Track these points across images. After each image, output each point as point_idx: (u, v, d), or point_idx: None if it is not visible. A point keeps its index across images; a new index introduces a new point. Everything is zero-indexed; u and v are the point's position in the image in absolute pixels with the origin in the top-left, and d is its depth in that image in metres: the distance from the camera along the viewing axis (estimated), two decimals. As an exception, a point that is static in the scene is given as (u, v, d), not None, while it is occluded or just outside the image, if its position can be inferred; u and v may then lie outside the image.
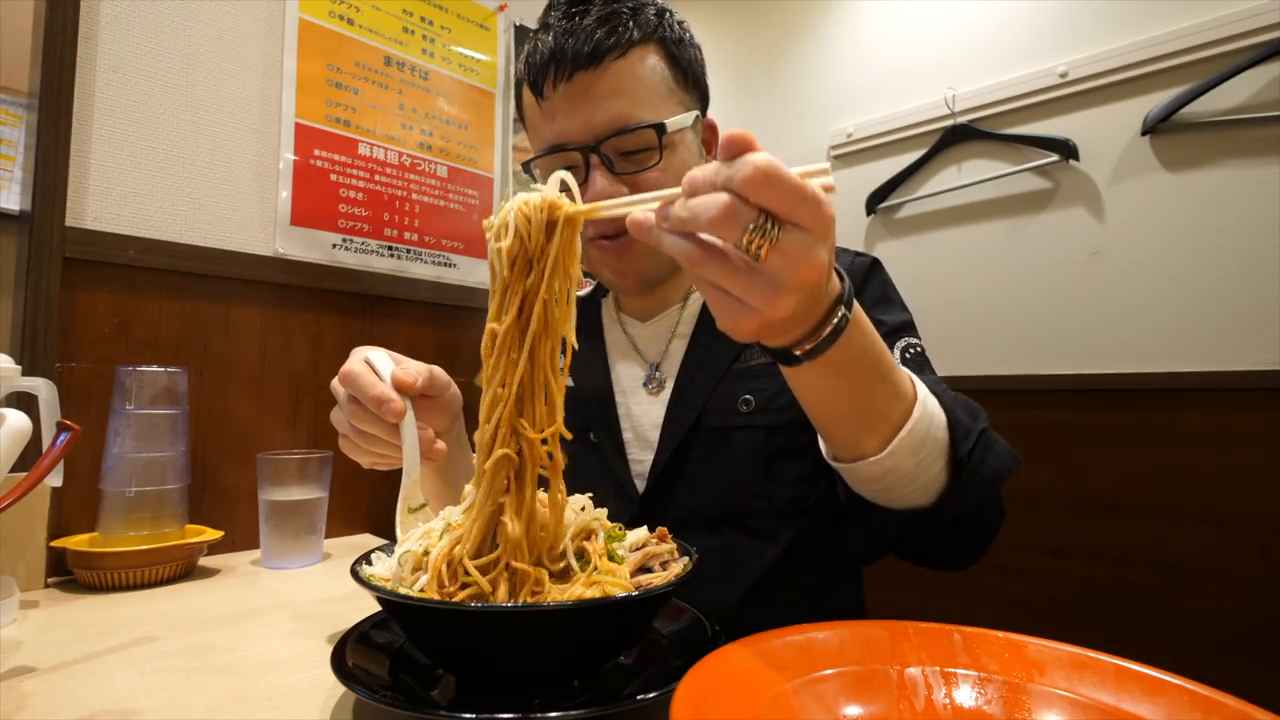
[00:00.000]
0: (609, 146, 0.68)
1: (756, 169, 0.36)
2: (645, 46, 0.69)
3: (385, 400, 0.55)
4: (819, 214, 0.37)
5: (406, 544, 0.48)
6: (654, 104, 0.69)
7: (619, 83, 0.67)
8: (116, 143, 1.01)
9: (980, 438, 0.55)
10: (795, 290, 0.39)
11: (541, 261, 0.45)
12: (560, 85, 0.67)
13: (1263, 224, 1.34)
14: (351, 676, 0.43)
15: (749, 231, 0.37)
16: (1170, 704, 0.36)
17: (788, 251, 0.37)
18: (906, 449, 0.50)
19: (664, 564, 0.50)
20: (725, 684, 0.37)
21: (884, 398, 0.50)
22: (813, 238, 0.38)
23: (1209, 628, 1.33)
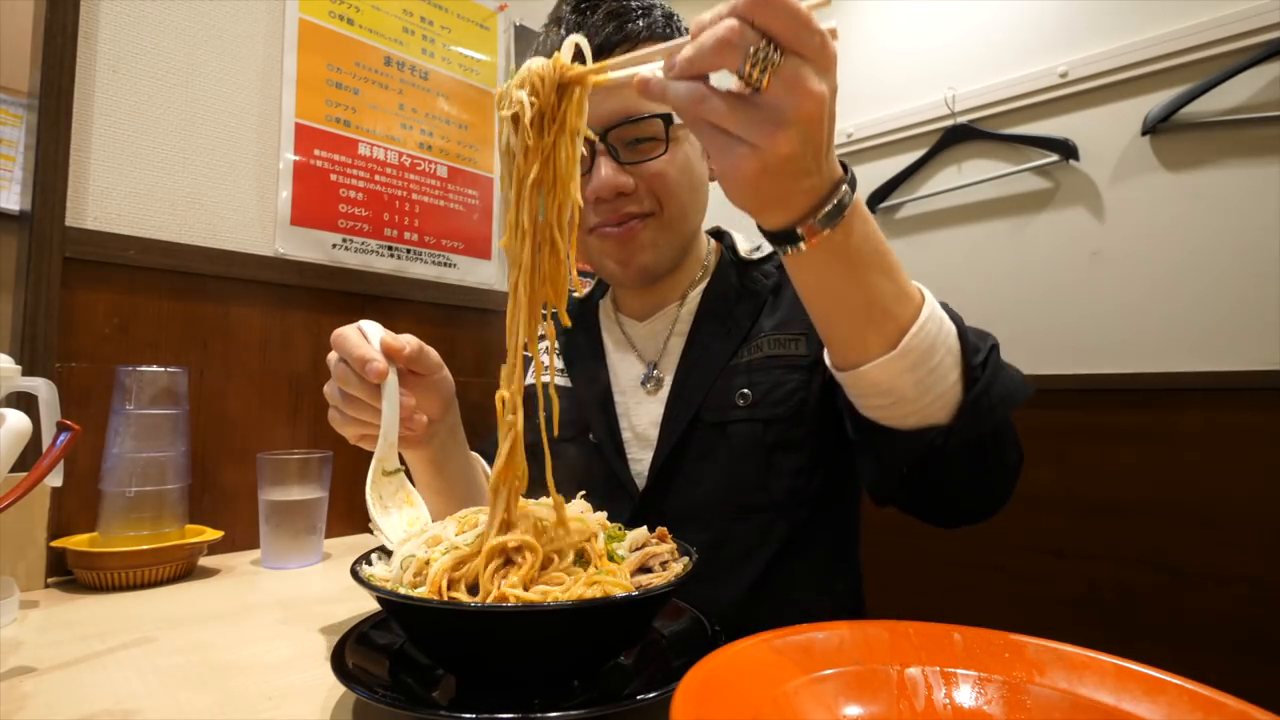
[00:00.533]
0: (615, 136, 0.69)
1: None
2: (654, 44, 0.69)
3: (368, 359, 0.59)
4: (822, 44, 0.37)
5: (408, 547, 0.48)
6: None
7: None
8: (116, 143, 1.01)
9: (991, 353, 0.53)
10: (795, 124, 0.38)
11: (555, 121, 0.47)
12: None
13: (1263, 224, 1.34)
14: (351, 676, 0.43)
15: (750, 58, 0.37)
16: (1170, 704, 0.36)
17: (788, 79, 0.37)
18: (916, 351, 0.48)
19: (664, 564, 0.50)
20: (725, 684, 0.37)
21: (891, 294, 0.48)
22: (814, 67, 0.38)
23: (1209, 628, 1.33)
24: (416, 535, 0.50)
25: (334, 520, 1.05)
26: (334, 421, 0.64)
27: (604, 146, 0.69)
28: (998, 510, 0.60)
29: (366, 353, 0.59)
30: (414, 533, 0.52)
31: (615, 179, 0.69)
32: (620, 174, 0.70)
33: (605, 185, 0.69)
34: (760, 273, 0.81)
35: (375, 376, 0.58)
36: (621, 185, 0.70)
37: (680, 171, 0.73)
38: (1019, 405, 0.54)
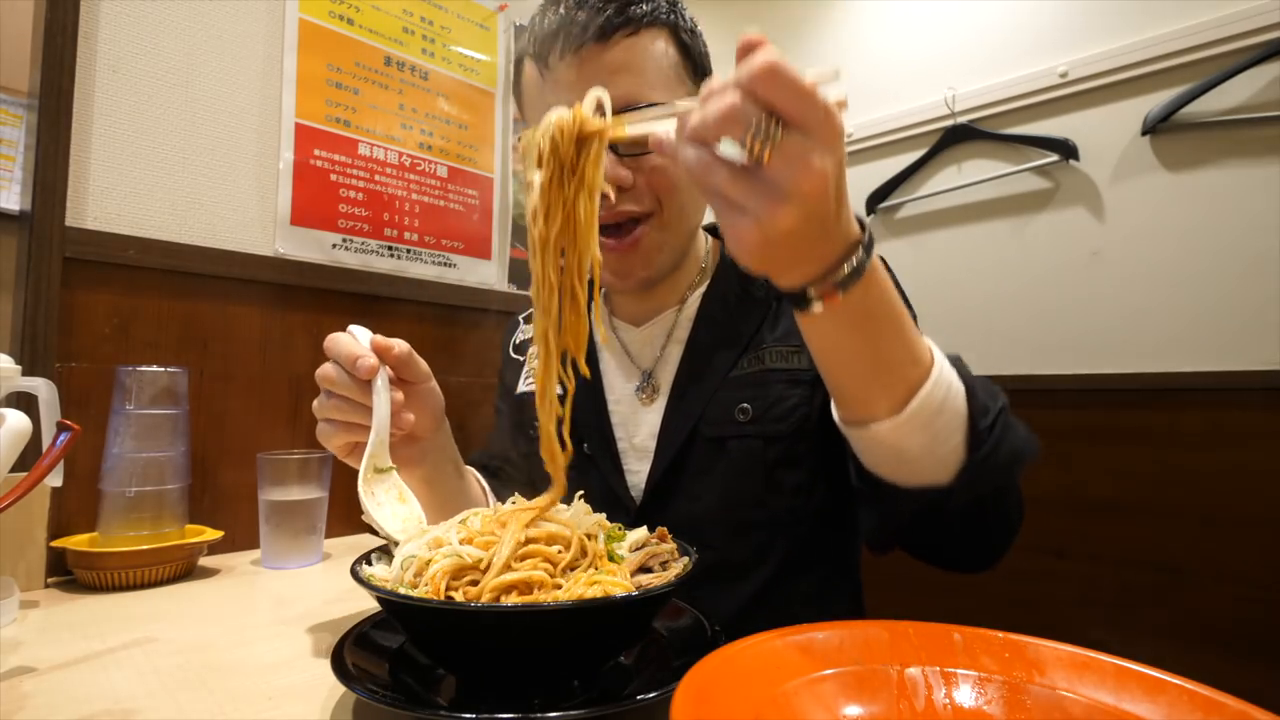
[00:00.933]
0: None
1: (764, 65, 0.36)
2: (657, 29, 0.68)
3: (359, 356, 0.59)
4: (825, 119, 0.37)
5: (409, 548, 0.48)
6: (663, 87, 0.68)
7: (628, 60, 0.66)
8: (116, 143, 1.01)
9: (1000, 415, 0.53)
10: (796, 199, 0.38)
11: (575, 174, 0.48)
12: (567, 56, 0.66)
13: (1263, 224, 1.34)
14: (351, 676, 0.43)
15: (751, 131, 0.37)
16: (1170, 704, 0.36)
17: (789, 155, 0.37)
18: (923, 414, 0.48)
19: (664, 564, 0.50)
20: (725, 684, 0.37)
21: (901, 357, 0.48)
22: (816, 143, 0.37)
23: (1209, 628, 1.33)
24: (417, 537, 0.50)
25: (334, 520, 1.05)
26: (322, 435, 0.63)
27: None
28: (996, 562, 0.61)
29: (357, 350, 0.60)
30: (414, 534, 0.52)
31: (613, 171, 0.67)
32: (618, 166, 0.68)
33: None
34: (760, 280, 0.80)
35: (366, 373, 0.59)
36: (620, 178, 0.67)
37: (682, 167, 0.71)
38: (1025, 466, 0.54)
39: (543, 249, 0.48)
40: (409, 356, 0.64)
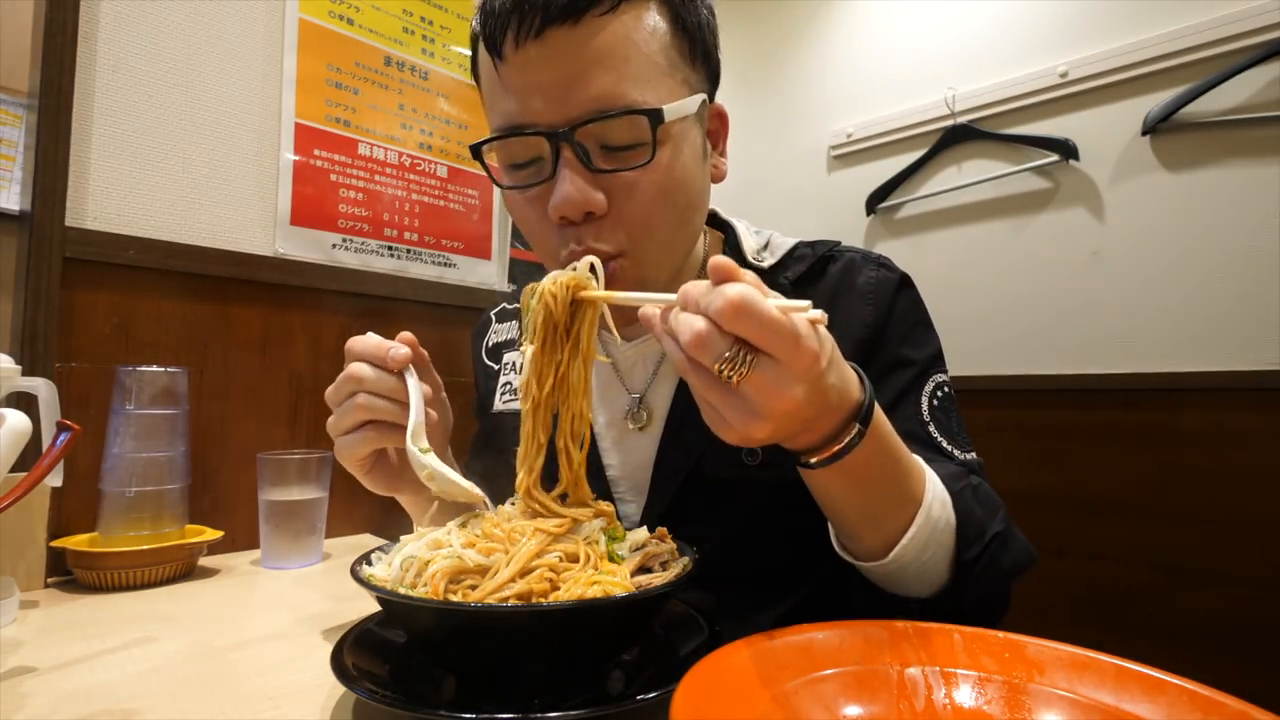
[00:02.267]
0: (587, 134, 0.53)
1: (728, 301, 0.36)
2: (644, 1, 0.54)
3: (390, 347, 0.57)
4: (794, 348, 0.37)
5: (409, 548, 0.48)
6: (649, 80, 0.54)
7: (605, 47, 0.52)
8: (116, 143, 1.01)
9: (992, 541, 0.54)
10: (770, 418, 0.39)
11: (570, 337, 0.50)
12: (525, 43, 0.52)
13: (1262, 224, 1.34)
14: (351, 676, 0.43)
15: (722, 360, 0.38)
16: (1170, 704, 0.36)
17: (759, 384, 0.38)
18: (908, 555, 0.50)
19: (664, 564, 0.50)
20: (725, 684, 0.37)
21: (893, 504, 0.49)
22: (787, 372, 0.38)
23: (1209, 628, 1.33)
24: (417, 538, 0.50)
25: (334, 520, 1.05)
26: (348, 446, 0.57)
27: (570, 150, 0.53)
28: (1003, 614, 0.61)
29: (385, 343, 0.57)
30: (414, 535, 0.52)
31: (582, 198, 0.54)
32: (589, 190, 0.54)
33: (569, 204, 0.54)
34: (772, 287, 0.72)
35: (402, 361, 0.56)
36: (590, 204, 0.54)
37: (671, 180, 0.56)
38: (1014, 580, 0.56)
39: (534, 411, 0.50)
40: (429, 362, 0.62)
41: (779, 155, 2.20)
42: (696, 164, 0.60)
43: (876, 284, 0.67)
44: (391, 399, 0.56)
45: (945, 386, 0.65)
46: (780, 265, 0.69)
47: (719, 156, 0.66)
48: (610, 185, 0.55)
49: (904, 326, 0.66)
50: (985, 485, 0.59)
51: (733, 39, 2.35)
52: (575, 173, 0.54)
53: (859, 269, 0.68)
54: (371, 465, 0.60)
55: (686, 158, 0.58)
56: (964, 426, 0.65)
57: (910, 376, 0.64)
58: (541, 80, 0.53)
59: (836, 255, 0.70)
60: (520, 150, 0.57)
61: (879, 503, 0.49)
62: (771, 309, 0.37)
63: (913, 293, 0.69)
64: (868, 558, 0.51)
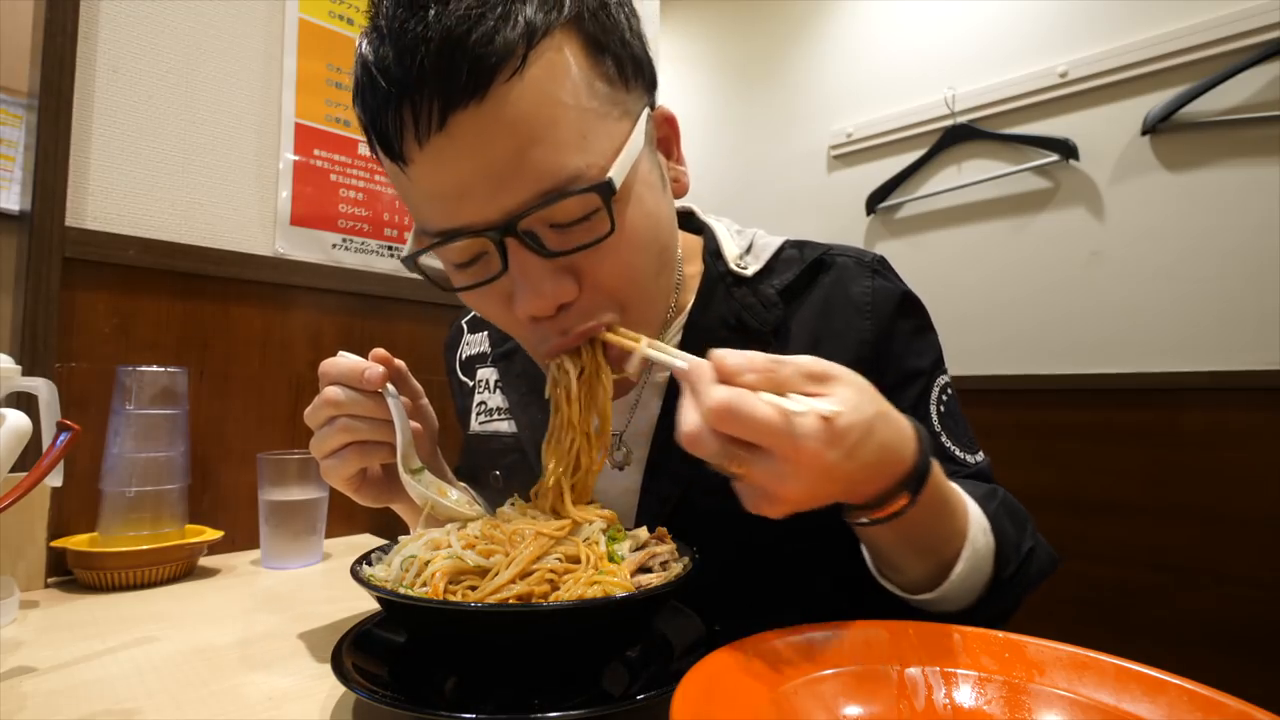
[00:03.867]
0: (531, 221, 0.45)
1: (714, 406, 0.36)
2: (549, 39, 0.43)
3: (365, 367, 0.54)
4: (792, 448, 0.36)
5: (409, 549, 0.48)
6: (585, 135, 0.45)
7: (525, 118, 0.42)
8: (116, 143, 1.01)
9: (1025, 558, 0.54)
10: (784, 503, 0.38)
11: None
12: (430, 138, 0.43)
13: (1263, 224, 1.34)
14: (351, 676, 0.43)
15: (718, 458, 0.37)
16: (1170, 704, 0.36)
17: (762, 477, 0.37)
18: (953, 586, 0.49)
19: (664, 564, 0.50)
20: (725, 684, 0.37)
21: (941, 541, 0.49)
22: (785, 466, 0.37)
23: (1209, 628, 1.33)
24: (416, 538, 0.50)
25: (334, 520, 1.05)
26: (331, 469, 0.56)
27: (516, 241, 0.45)
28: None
29: (360, 363, 0.55)
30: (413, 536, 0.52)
31: (550, 289, 0.46)
32: (554, 276, 0.47)
33: (535, 302, 0.47)
34: (758, 298, 0.62)
35: (378, 381, 0.55)
36: (560, 296, 0.47)
37: (638, 243, 0.49)
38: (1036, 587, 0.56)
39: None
40: (406, 372, 0.60)
41: (779, 155, 2.20)
42: (658, 197, 0.52)
43: (873, 295, 0.62)
44: (372, 418, 0.55)
45: (949, 389, 0.64)
46: (766, 271, 0.64)
47: (676, 165, 0.58)
48: (574, 264, 0.48)
49: (907, 338, 0.63)
50: (1009, 496, 0.59)
51: (733, 39, 2.35)
52: (531, 266, 0.46)
53: (853, 278, 0.63)
54: (360, 483, 0.58)
55: (648, 201, 0.50)
56: (968, 425, 0.65)
57: (919, 389, 0.62)
58: (461, 178, 0.44)
59: (828, 261, 0.64)
60: (458, 253, 0.49)
61: (928, 544, 0.49)
62: (761, 411, 0.36)
63: (913, 300, 0.65)
64: (913, 590, 0.51)
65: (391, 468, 0.59)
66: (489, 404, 0.75)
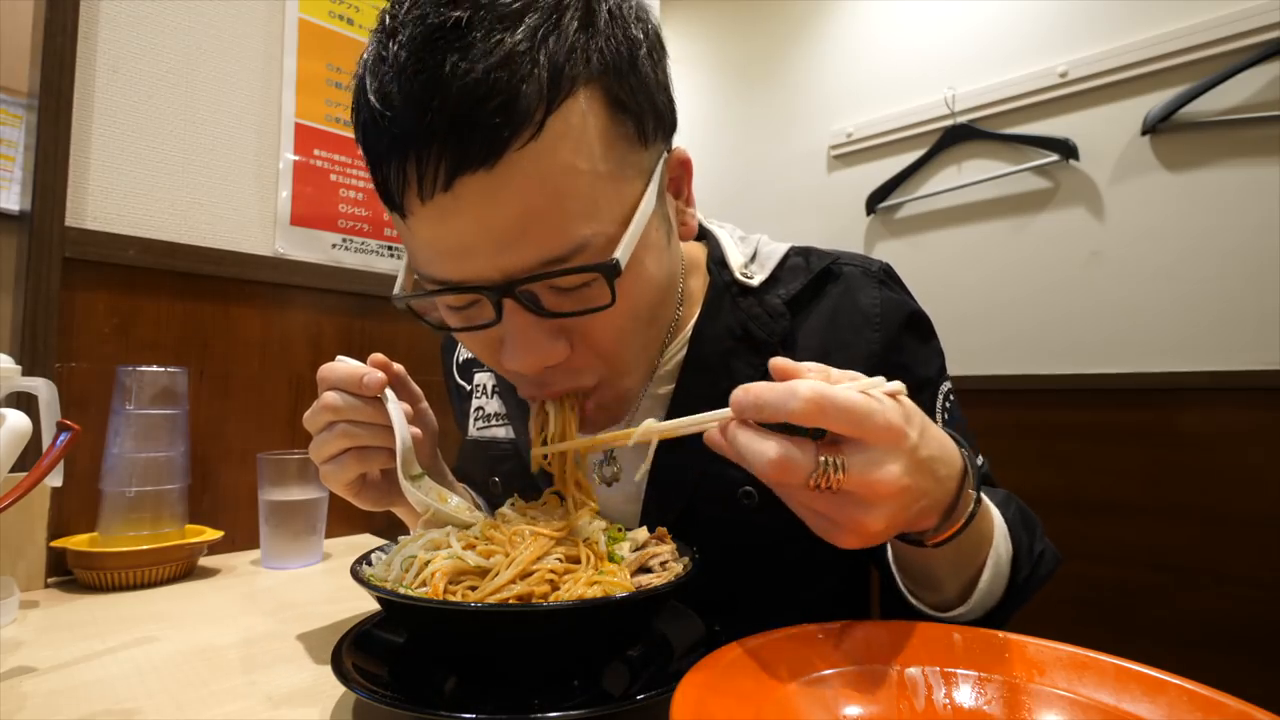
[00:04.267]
0: (531, 284, 0.44)
1: (807, 401, 0.35)
2: (572, 100, 0.41)
3: (364, 373, 0.53)
4: (886, 428, 0.36)
5: (409, 549, 0.48)
6: (596, 203, 0.43)
7: (535, 185, 0.41)
8: (116, 143, 1.01)
9: (1036, 562, 0.54)
10: (880, 505, 0.37)
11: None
12: (434, 196, 0.41)
13: (1262, 224, 1.34)
14: (351, 676, 0.43)
15: (813, 475, 0.36)
16: (1170, 704, 0.36)
17: (858, 476, 0.36)
18: (978, 596, 0.49)
19: (664, 564, 0.50)
20: (725, 684, 0.37)
21: (974, 552, 0.49)
22: (881, 452, 0.36)
23: (1209, 628, 1.33)
24: (416, 538, 0.50)
25: (334, 520, 1.05)
26: (330, 475, 0.55)
27: (514, 303, 0.45)
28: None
29: (359, 368, 0.54)
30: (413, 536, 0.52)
31: (541, 349, 0.47)
32: (547, 337, 0.47)
33: (525, 361, 0.47)
34: (765, 308, 0.61)
35: (377, 386, 0.54)
36: (549, 358, 0.47)
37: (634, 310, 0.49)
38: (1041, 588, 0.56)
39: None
40: (406, 376, 0.60)
41: (779, 155, 2.20)
42: (661, 257, 0.51)
43: (882, 307, 0.62)
44: (371, 423, 0.54)
45: (951, 395, 0.65)
46: (772, 280, 0.63)
47: (685, 207, 0.57)
48: (568, 324, 0.47)
49: (915, 349, 0.63)
50: (1019, 501, 0.59)
51: (733, 39, 2.35)
52: (525, 325, 0.46)
53: (862, 288, 0.63)
54: (360, 488, 0.58)
55: (650, 266, 0.49)
56: (968, 428, 0.65)
57: (926, 398, 0.62)
58: (463, 237, 0.42)
59: (835, 271, 0.64)
60: (453, 300, 0.48)
61: (967, 554, 0.49)
62: (850, 395, 0.36)
63: (920, 316, 0.65)
64: (946, 608, 0.51)
65: (389, 473, 0.59)
66: (486, 409, 0.75)
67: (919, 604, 0.52)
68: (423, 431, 0.60)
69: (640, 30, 0.46)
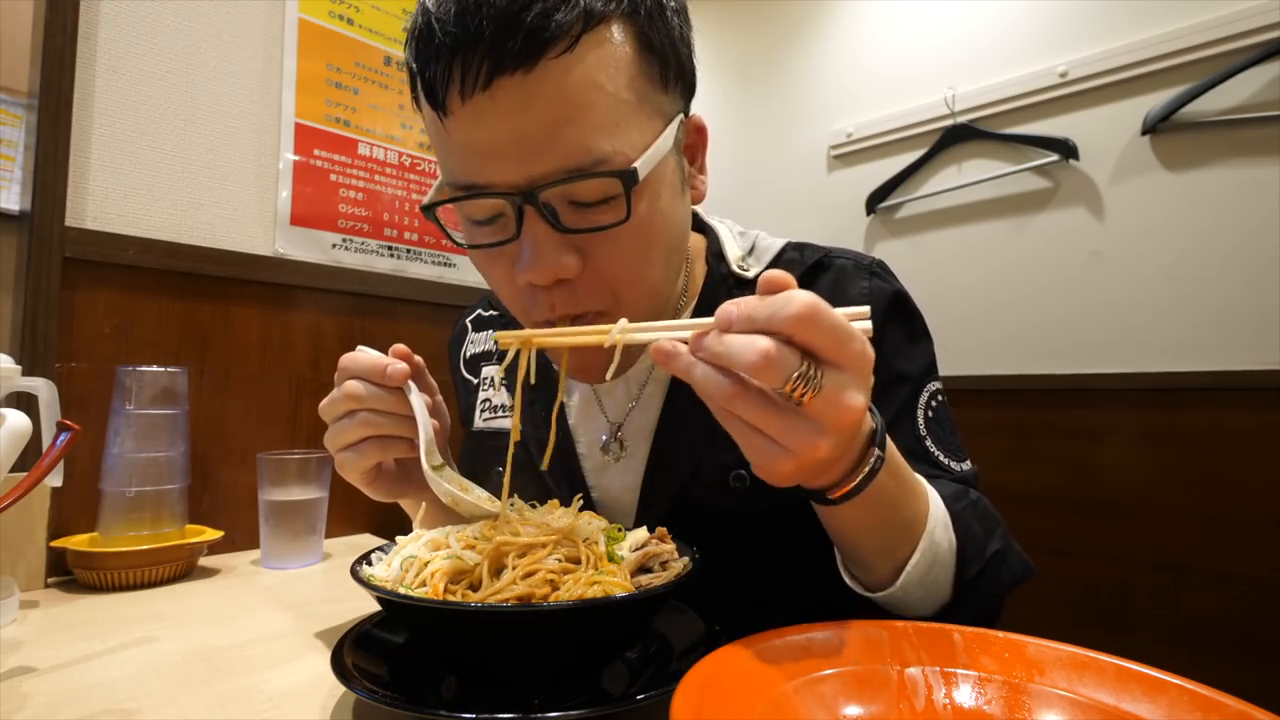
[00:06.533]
0: (552, 194, 0.47)
1: (802, 307, 0.35)
2: (605, 26, 0.46)
3: (387, 364, 0.54)
4: (862, 355, 0.37)
5: (410, 549, 0.48)
6: (618, 124, 0.47)
7: (566, 95, 0.45)
8: (116, 143, 1.01)
9: (992, 559, 0.54)
10: (834, 432, 0.37)
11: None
12: (471, 96, 0.45)
13: (1263, 224, 1.34)
14: (351, 676, 0.43)
15: (793, 379, 0.36)
16: (1170, 704, 0.36)
17: (831, 397, 0.36)
18: (913, 580, 0.49)
19: (664, 564, 0.50)
20: (725, 684, 0.37)
21: (902, 529, 0.49)
22: (854, 378, 0.37)
23: (1209, 628, 1.33)
24: (415, 538, 0.50)
25: (334, 520, 1.05)
26: (349, 462, 0.56)
27: (534, 210, 0.47)
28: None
29: (382, 359, 0.55)
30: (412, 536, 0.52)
31: (553, 261, 0.48)
32: (561, 250, 0.49)
33: (537, 270, 0.49)
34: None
35: (400, 377, 0.54)
36: (560, 270, 0.49)
37: (649, 230, 0.51)
38: (1010, 593, 0.56)
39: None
40: (424, 369, 0.59)
41: (779, 155, 2.20)
42: (675, 199, 0.54)
43: (871, 296, 0.63)
44: (393, 413, 0.55)
45: (939, 395, 0.64)
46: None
47: (697, 173, 0.60)
48: (582, 243, 0.49)
49: (900, 341, 0.64)
50: (984, 501, 0.59)
51: (733, 39, 2.35)
52: (542, 236, 0.48)
53: (851, 279, 0.64)
54: (374, 477, 0.59)
55: (665, 200, 0.52)
56: (957, 434, 0.64)
57: (907, 392, 0.62)
58: (495, 138, 0.46)
59: (827, 263, 0.66)
60: (478, 209, 0.51)
61: (890, 529, 0.48)
62: (838, 315, 0.37)
63: (908, 304, 0.66)
64: (876, 587, 0.51)
65: (404, 463, 0.60)
66: (493, 401, 0.76)
67: (853, 582, 0.52)
68: (439, 425, 0.60)
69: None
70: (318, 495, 0.98)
